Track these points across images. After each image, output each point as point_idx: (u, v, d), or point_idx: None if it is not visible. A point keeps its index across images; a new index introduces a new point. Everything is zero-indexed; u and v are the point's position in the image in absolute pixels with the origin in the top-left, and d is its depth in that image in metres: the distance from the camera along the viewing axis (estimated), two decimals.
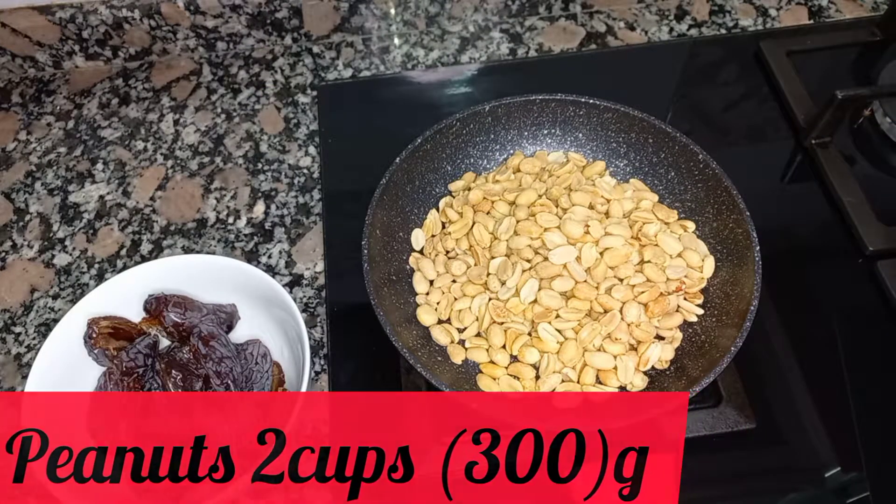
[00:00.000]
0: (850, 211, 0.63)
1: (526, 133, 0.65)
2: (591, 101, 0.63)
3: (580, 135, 0.65)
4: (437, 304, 0.58)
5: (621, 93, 0.73)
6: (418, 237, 0.61)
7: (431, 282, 0.59)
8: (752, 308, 0.52)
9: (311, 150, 0.72)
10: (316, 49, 0.80)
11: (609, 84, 0.75)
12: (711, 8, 0.82)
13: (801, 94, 0.71)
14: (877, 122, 0.70)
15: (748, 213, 0.56)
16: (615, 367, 0.53)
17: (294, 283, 0.64)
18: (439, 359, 0.55)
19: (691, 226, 0.60)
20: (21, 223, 0.69)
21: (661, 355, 0.54)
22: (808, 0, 0.82)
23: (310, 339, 0.52)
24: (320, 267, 0.65)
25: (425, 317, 0.57)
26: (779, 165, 0.69)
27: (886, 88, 0.69)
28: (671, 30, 0.80)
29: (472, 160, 0.65)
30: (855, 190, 0.64)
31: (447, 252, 0.60)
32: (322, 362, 0.59)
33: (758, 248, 0.54)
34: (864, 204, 0.63)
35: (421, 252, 0.61)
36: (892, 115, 0.67)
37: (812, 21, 0.81)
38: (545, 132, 0.65)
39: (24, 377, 0.59)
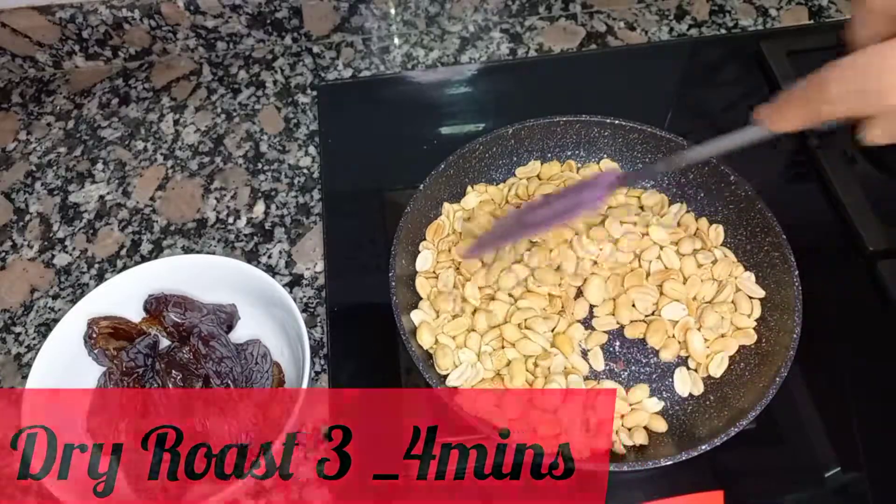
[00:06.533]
0: (850, 211, 0.63)
1: (549, 154, 0.64)
2: (617, 121, 0.61)
3: (605, 155, 0.64)
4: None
5: (621, 93, 0.73)
6: (427, 259, 0.60)
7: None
8: (794, 336, 0.51)
9: (311, 150, 0.72)
10: (316, 49, 0.80)
11: (609, 84, 0.75)
12: (711, 8, 0.82)
13: None
14: None
15: (785, 237, 0.55)
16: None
17: (294, 283, 0.64)
18: None
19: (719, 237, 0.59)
20: (21, 223, 0.69)
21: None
22: (808, 0, 0.82)
23: (310, 339, 0.52)
24: (320, 267, 0.65)
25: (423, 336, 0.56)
26: (779, 165, 0.69)
27: None
28: (671, 30, 0.80)
29: (495, 184, 0.64)
30: (855, 190, 0.64)
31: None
32: (322, 362, 0.59)
33: (797, 272, 0.53)
34: (864, 204, 0.63)
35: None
36: None
37: (812, 21, 0.81)
38: (569, 153, 0.64)
39: (24, 377, 0.58)
